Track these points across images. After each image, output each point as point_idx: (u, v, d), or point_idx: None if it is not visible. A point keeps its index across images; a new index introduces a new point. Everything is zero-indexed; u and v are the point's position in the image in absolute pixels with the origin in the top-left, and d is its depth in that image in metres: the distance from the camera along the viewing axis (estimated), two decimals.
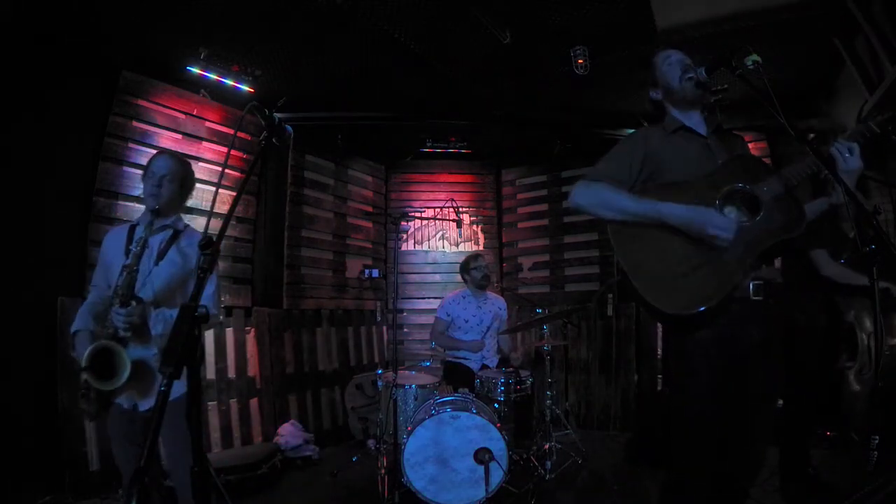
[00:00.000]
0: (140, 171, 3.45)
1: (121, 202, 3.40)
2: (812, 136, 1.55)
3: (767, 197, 1.59)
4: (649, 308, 1.57)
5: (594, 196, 1.72)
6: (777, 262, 3.01)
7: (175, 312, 1.86)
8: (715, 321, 1.58)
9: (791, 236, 1.59)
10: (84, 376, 1.80)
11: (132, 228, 2.02)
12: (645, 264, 1.61)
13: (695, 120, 1.81)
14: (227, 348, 3.89)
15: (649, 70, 1.88)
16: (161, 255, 2.00)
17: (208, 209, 3.75)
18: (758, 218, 1.58)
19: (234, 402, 3.84)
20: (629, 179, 1.72)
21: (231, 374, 3.87)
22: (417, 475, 2.74)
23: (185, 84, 3.73)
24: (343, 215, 5.10)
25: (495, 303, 4.06)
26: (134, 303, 1.85)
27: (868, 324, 2.94)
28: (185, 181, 2.13)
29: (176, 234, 2.05)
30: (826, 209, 1.80)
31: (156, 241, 2.03)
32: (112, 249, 2.04)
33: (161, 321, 1.87)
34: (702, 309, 1.52)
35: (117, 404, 1.91)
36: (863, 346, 3.02)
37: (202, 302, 2.00)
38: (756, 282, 1.63)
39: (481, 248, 5.59)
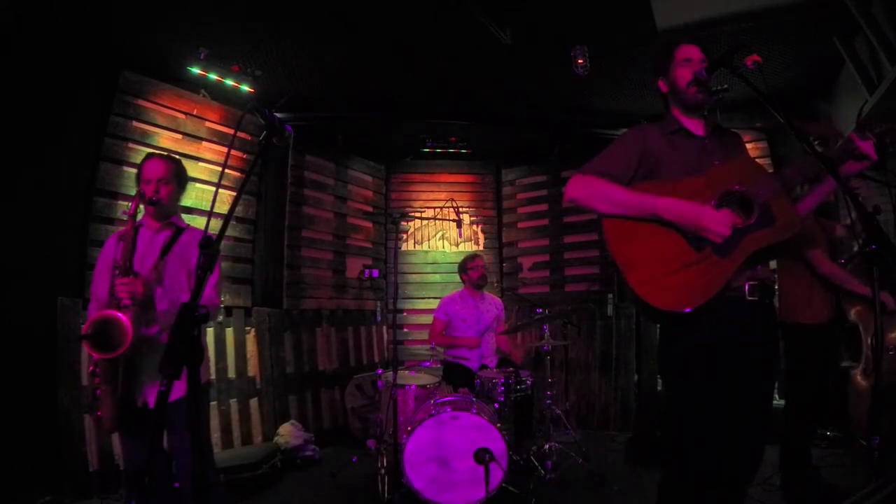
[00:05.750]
0: None
1: (121, 202, 3.39)
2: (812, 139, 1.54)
3: (762, 199, 1.59)
4: (641, 304, 1.57)
5: (589, 188, 1.71)
6: (772, 264, 3.01)
7: (181, 298, 1.88)
8: (710, 321, 1.58)
9: (785, 238, 1.59)
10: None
11: (135, 230, 2.04)
12: (638, 260, 1.61)
13: (694, 121, 1.81)
14: (227, 348, 3.88)
15: (664, 58, 1.82)
16: (165, 252, 2.04)
17: (208, 209, 3.75)
18: (752, 219, 1.58)
19: (234, 402, 3.84)
20: (625, 176, 1.72)
21: (231, 374, 3.87)
22: (417, 475, 2.74)
23: (185, 84, 3.73)
24: (343, 215, 5.10)
25: (493, 303, 4.07)
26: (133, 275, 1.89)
27: (871, 324, 2.94)
28: (181, 178, 2.20)
29: (178, 232, 2.12)
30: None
31: (160, 240, 2.09)
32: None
33: (167, 299, 1.91)
34: (689, 309, 1.52)
35: (131, 404, 1.91)
36: (866, 348, 3.03)
37: (206, 293, 2.03)
38: (752, 282, 1.63)
39: (481, 248, 5.59)
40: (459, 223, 4.71)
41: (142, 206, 2.08)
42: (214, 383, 3.73)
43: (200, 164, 3.81)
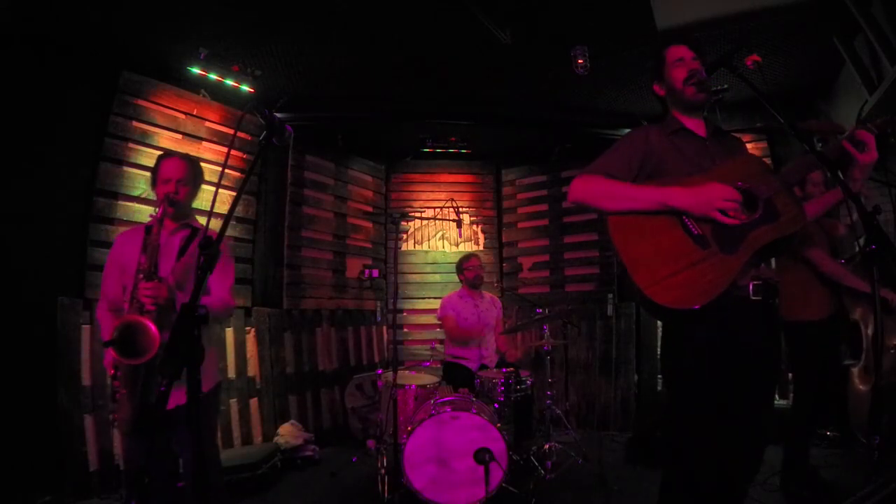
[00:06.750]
0: (140, 171, 3.50)
1: (121, 202, 3.40)
2: (814, 137, 1.55)
3: (766, 195, 1.59)
4: (648, 303, 1.57)
5: (594, 187, 1.71)
6: (772, 263, 3.01)
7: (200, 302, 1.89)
8: (714, 321, 1.58)
9: (790, 233, 1.59)
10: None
11: (148, 229, 2.01)
12: (644, 259, 1.61)
13: (695, 121, 1.81)
14: (227, 348, 3.88)
15: (656, 62, 1.85)
16: (182, 253, 2.03)
17: (208, 209, 3.74)
18: (756, 215, 1.58)
19: (234, 402, 3.84)
20: (628, 176, 1.72)
21: (231, 374, 3.87)
22: (417, 475, 2.74)
23: (185, 84, 3.73)
24: (343, 215, 5.10)
25: (492, 302, 4.09)
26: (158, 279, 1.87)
27: (872, 323, 2.94)
28: (197, 179, 2.21)
29: (195, 233, 2.10)
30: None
31: (176, 241, 2.07)
32: (129, 251, 2.02)
33: None
34: (698, 306, 1.52)
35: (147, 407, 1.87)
36: (867, 345, 3.02)
37: (221, 294, 2.04)
38: (756, 282, 1.63)
39: (481, 248, 5.59)
40: (459, 223, 4.71)
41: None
42: None
43: (200, 164, 3.80)
